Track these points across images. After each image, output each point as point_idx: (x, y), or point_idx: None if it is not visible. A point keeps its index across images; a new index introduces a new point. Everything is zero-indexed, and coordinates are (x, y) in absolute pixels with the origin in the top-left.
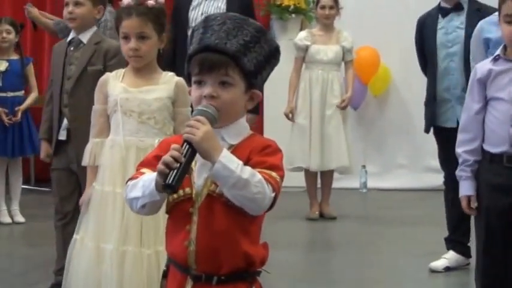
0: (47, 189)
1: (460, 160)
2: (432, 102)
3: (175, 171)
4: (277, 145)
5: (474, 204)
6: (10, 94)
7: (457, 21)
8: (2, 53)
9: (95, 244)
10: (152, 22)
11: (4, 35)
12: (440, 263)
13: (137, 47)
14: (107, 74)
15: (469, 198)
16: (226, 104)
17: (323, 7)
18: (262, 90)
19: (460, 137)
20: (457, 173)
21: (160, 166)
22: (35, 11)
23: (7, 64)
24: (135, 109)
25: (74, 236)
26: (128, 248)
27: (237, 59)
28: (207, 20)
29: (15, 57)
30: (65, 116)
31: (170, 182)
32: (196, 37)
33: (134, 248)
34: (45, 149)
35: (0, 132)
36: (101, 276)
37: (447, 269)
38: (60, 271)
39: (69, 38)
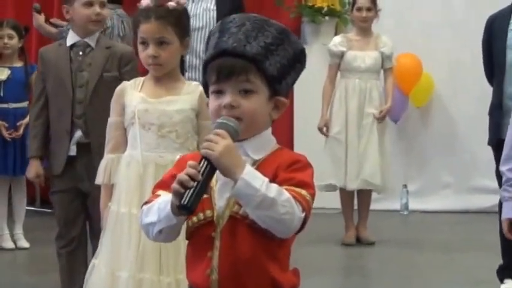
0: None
1: (503, 179)
2: (498, 112)
3: (191, 190)
4: (307, 160)
5: None
6: (12, 105)
7: None
8: (4, 60)
9: (109, 271)
10: (173, 26)
11: (6, 40)
12: None
13: (156, 54)
14: (124, 83)
15: (511, 221)
16: (248, 114)
17: (359, 9)
18: (287, 98)
19: (504, 153)
20: (500, 192)
21: (175, 185)
22: (41, 19)
23: (9, 72)
24: (154, 121)
25: (92, 260)
26: (145, 275)
27: (258, 63)
28: (224, 23)
29: (18, 64)
30: (79, 127)
31: (185, 202)
32: (213, 42)
33: (152, 276)
34: (36, 169)
35: (0, 148)
36: None
37: None
38: None
39: (69, 42)
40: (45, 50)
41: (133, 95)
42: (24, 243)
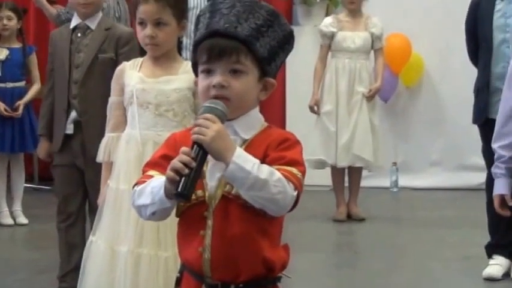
0: (52, 188)
1: (495, 156)
2: (485, 91)
3: (187, 178)
4: (295, 137)
5: (510, 203)
6: (10, 85)
7: None
8: (2, 41)
9: (108, 246)
10: (171, 7)
11: (5, 21)
12: (495, 270)
13: (154, 34)
14: (124, 64)
15: (502, 197)
16: (237, 94)
17: None
18: (275, 79)
19: (495, 130)
20: (492, 169)
21: (169, 173)
22: (41, 1)
23: (8, 52)
24: (151, 101)
25: (90, 237)
26: (143, 250)
27: (249, 44)
28: (214, 4)
29: (17, 45)
30: (74, 107)
31: (182, 190)
32: (203, 22)
33: (150, 251)
34: (44, 147)
35: None
36: (114, 281)
37: (506, 275)
38: (64, 277)
39: (72, 25)
40: (54, 32)
41: (132, 75)
42: (23, 219)
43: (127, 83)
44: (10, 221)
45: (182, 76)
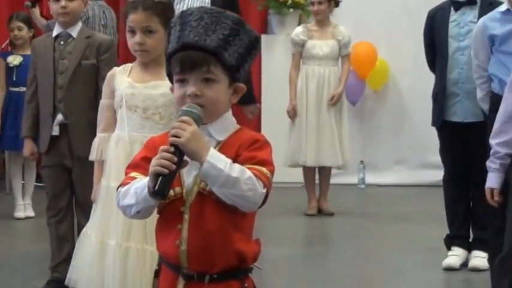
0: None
1: (492, 151)
2: (442, 96)
3: (163, 177)
4: (265, 138)
5: (496, 198)
6: (23, 89)
7: (470, 15)
8: (17, 49)
9: (99, 239)
10: (159, 16)
11: (16, 32)
12: (454, 260)
13: (143, 41)
14: (115, 69)
15: (493, 190)
16: (211, 101)
17: (312, 3)
18: (245, 81)
19: (495, 128)
20: (487, 163)
21: (156, 168)
22: (36, 13)
23: (21, 59)
24: (139, 104)
25: (84, 229)
26: (131, 244)
27: (218, 55)
28: (183, 16)
29: (29, 52)
30: (60, 111)
31: (158, 189)
32: (174, 35)
33: (137, 245)
34: (30, 147)
35: (11, 128)
36: (104, 271)
37: (463, 265)
38: (55, 268)
39: (54, 33)
40: (35, 41)
41: (122, 80)
42: (30, 212)
43: (117, 87)
44: (22, 215)
45: (169, 81)
